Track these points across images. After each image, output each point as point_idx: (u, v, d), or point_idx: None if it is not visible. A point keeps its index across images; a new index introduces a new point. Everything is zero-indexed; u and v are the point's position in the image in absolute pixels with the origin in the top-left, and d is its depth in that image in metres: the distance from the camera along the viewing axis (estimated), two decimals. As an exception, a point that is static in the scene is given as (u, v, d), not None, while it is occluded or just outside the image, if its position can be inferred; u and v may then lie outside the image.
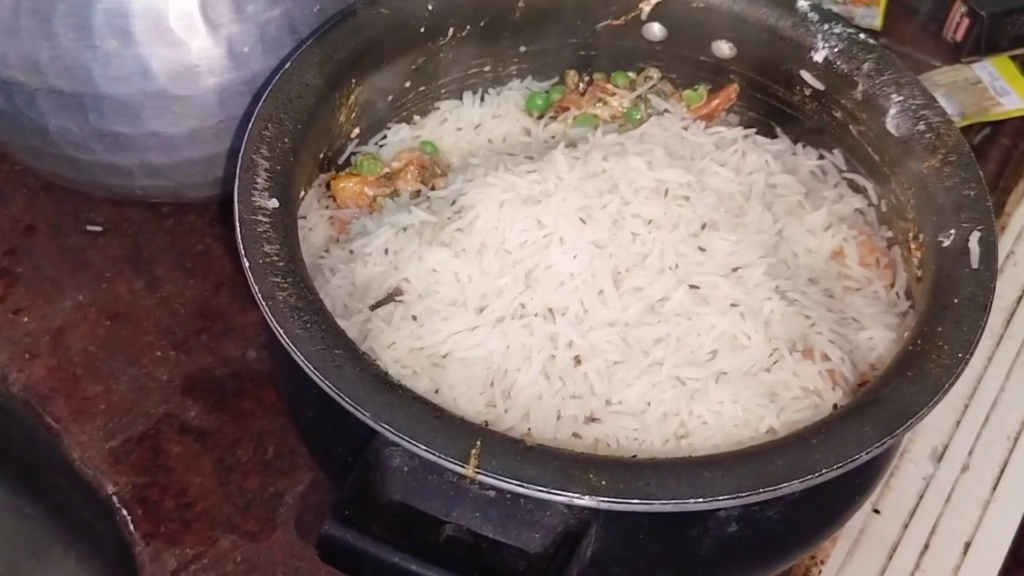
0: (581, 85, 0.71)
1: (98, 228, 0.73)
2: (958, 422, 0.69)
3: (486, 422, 0.52)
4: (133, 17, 0.58)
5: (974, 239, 0.52)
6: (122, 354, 0.67)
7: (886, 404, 0.45)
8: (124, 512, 0.61)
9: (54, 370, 0.66)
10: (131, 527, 0.61)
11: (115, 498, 0.62)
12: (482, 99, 0.70)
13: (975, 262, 0.51)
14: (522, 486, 0.42)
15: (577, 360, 0.54)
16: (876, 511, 0.65)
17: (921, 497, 0.66)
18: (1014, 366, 0.72)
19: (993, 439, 0.69)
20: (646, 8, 0.66)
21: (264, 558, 0.59)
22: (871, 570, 0.63)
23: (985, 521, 0.65)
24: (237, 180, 0.51)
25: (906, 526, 0.65)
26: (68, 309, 0.69)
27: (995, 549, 0.64)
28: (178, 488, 0.62)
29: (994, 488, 0.67)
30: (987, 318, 0.49)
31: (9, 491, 0.72)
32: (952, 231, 0.53)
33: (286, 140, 0.54)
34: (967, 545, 0.64)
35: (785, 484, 0.42)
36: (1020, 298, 0.76)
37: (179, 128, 0.61)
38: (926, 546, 0.64)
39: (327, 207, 0.64)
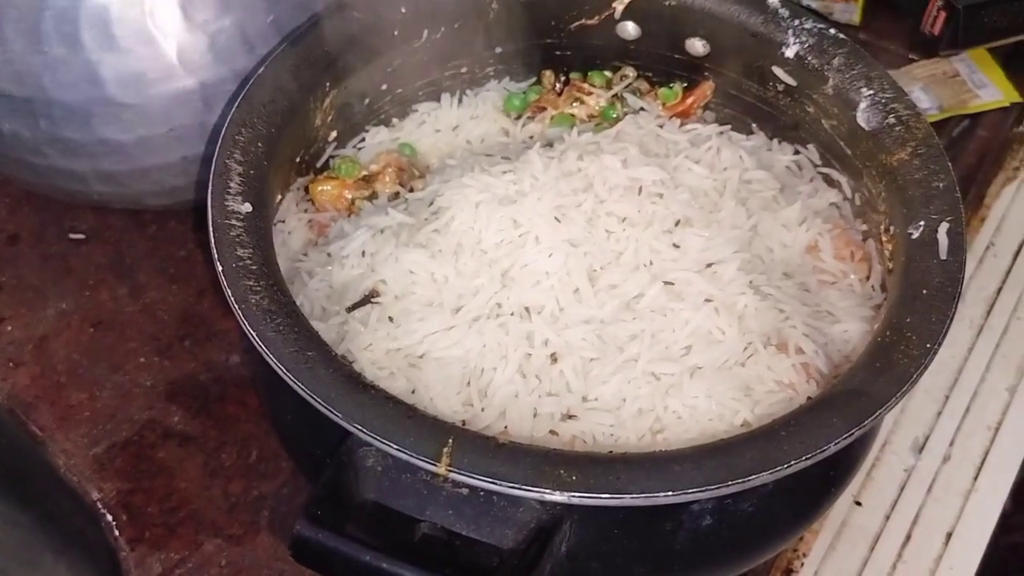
0: (558, 85, 0.71)
1: (81, 236, 0.74)
2: (939, 413, 0.70)
3: (463, 421, 0.52)
4: (81, 23, 0.58)
5: (942, 230, 0.52)
6: (105, 361, 0.67)
7: (855, 395, 0.46)
8: (109, 518, 0.62)
9: (38, 378, 0.67)
10: (116, 533, 0.61)
11: (100, 504, 0.62)
12: (460, 100, 0.70)
13: (943, 253, 0.51)
14: (493, 483, 0.42)
15: (553, 358, 0.54)
16: (858, 503, 0.66)
17: (903, 488, 0.67)
18: (994, 356, 0.73)
19: (974, 430, 0.69)
20: (619, 7, 0.66)
21: (249, 561, 0.59)
22: (853, 562, 0.63)
23: (966, 512, 0.66)
24: (211, 185, 0.52)
25: (888, 517, 0.65)
26: (51, 317, 0.69)
27: (976, 539, 0.64)
28: (162, 493, 0.62)
29: (975, 479, 0.67)
30: (955, 308, 0.49)
31: (-1, 500, 0.72)
32: (921, 223, 0.53)
33: (260, 144, 0.54)
34: (948, 536, 0.65)
35: (754, 476, 0.43)
36: (999, 289, 0.76)
37: (129, 135, 0.61)
38: (908, 537, 0.65)
39: (305, 210, 0.64)
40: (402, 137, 0.69)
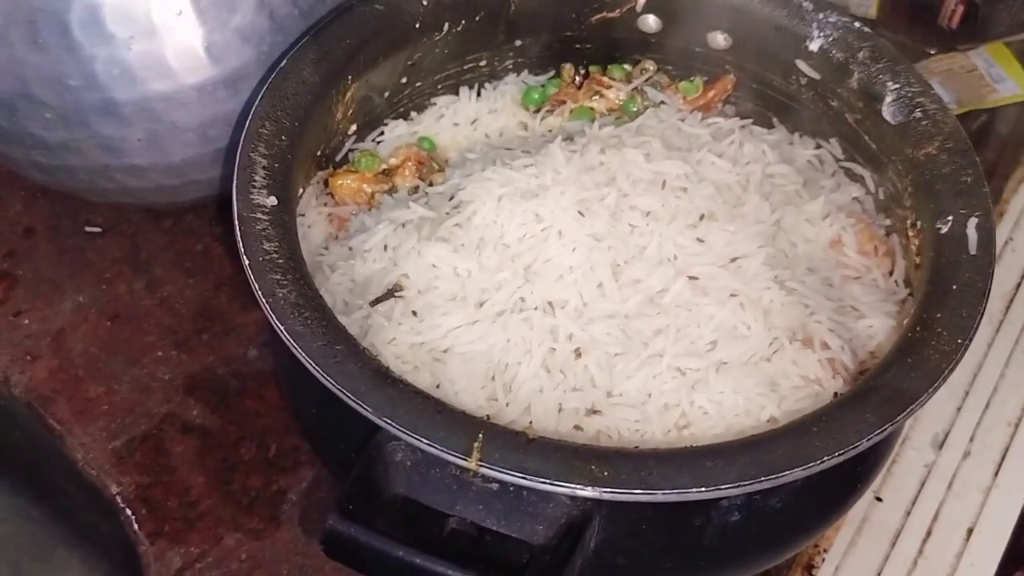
0: (577, 78, 0.71)
1: (97, 229, 0.74)
2: (959, 409, 0.70)
3: (488, 416, 0.52)
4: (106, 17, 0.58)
5: (972, 225, 0.52)
6: (123, 355, 0.67)
7: (886, 391, 0.45)
8: (128, 512, 0.62)
9: (56, 372, 0.66)
10: (135, 527, 0.61)
11: (119, 498, 0.62)
12: (478, 94, 0.70)
13: (973, 248, 0.51)
14: (525, 478, 0.42)
15: (577, 353, 0.54)
16: (878, 499, 0.66)
17: (923, 484, 0.66)
18: (1014, 352, 0.72)
19: (994, 425, 0.69)
20: (641, 0, 0.66)
21: (269, 555, 0.59)
22: (874, 557, 0.63)
23: (987, 507, 0.65)
24: (235, 178, 0.51)
25: (908, 513, 0.65)
26: (68, 311, 0.69)
27: (997, 535, 0.64)
28: (181, 487, 0.62)
29: (995, 474, 0.67)
30: (986, 304, 0.49)
31: (12, 493, 0.72)
32: (950, 218, 0.53)
33: (283, 138, 0.54)
34: (969, 531, 0.64)
35: (787, 472, 0.43)
36: (1019, 284, 0.76)
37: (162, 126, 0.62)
38: (928, 533, 0.64)
39: (325, 204, 0.64)
40: (421, 131, 0.68)
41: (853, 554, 0.63)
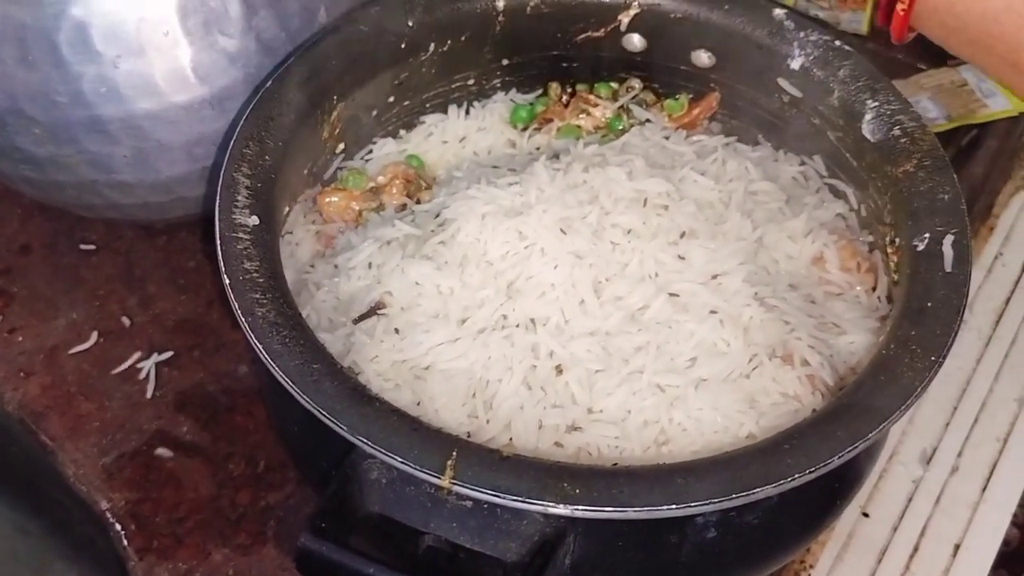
0: (564, 97, 0.71)
1: (92, 247, 0.74)
2: (947, 424, 0.70)
3: (468, 433, 0.52)
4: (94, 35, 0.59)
5: (947, 242, 0.52)
6: (115, 371, 0.68)
7: (859, 408, 0.46)
8: (118, 527, 0.62)
9: (48, 388, 0.67)
10: (125, 543, 0.62)
11: (109, 514, 0.63)
12: (467, 112, 0.70)
13: (948, 265, 0.51)
14: (497, 496, 0.42)
15: (558, 369, 0.54)
16: (865, 514, 0.66)
17: (910, 500, 0.67)
18: (1003, 367, 0.72)
19: (982, 441, 0.69)
20: (625, 19, 0.66)
21: (256, 571, 0.60)
22: (861, 573, 0.63)
23: (975, 523, 0.65)
24: (218, 198, 0.52)
25: (895, 529, 0.65)
26: (62, 327, 0.70)
27: (984, 552, 0.64)
28: (171, 503, 0.62)
29: (983, 490, 0.67)
30: (960, 321, 0.49)
31: (10, 507, 0.73)
32: (926, 235, 0.53)
33: (267, 158, 0.55)
34: (956, 548, 0.64)
35: (757, 489, 0.43)
36: (1008, 299, 0.76)
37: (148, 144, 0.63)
38: (915, 549, 0.64)
39: (314, 222, 0.65)
40: (409, 149, 0.69)
41: (839, 570, 0.63)
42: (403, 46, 0.64)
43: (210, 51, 0.61)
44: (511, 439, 0.52)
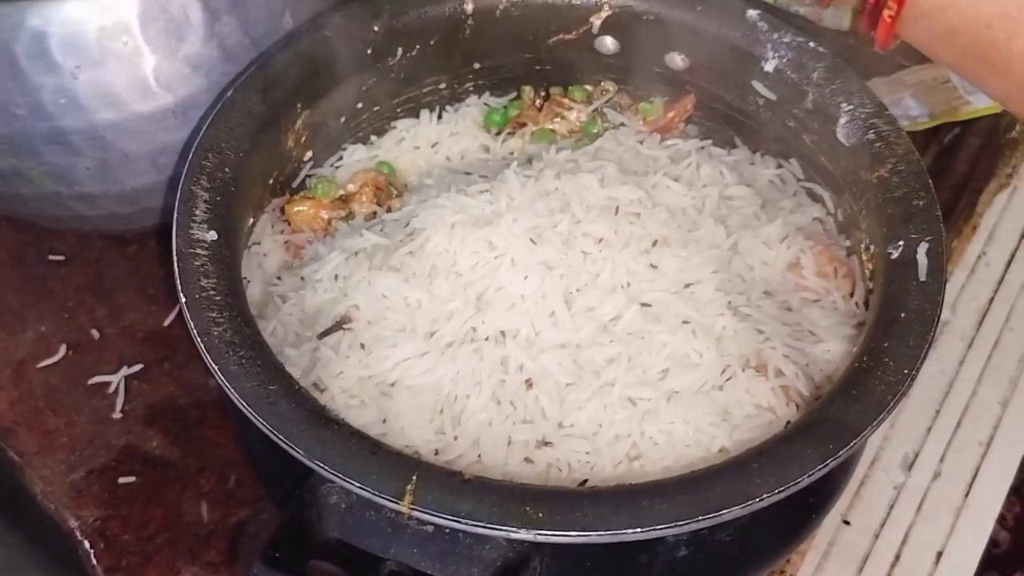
0: (538, 100, 0.70)
1: (60, 257, 0.73)
2: (929, 428, 0.69)
3: (436, 451, 0.51)
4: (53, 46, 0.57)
5: (922, 250, 0.51)
6: (84, 385, 0.67)
7: (829, 424, 0.45)
8: (87, 545, 0.61)
9: (16, 403, 0.66)
10: (93, 561, 0.61)
11: (77, 532, 0.62)
12: (439, 117, 0.69)
13: (923, 274, 0.50)
14: (458, 521, 0.41)
15: (528, 384, 0.53)
16: (846, 522, 0.65)
17: (892, 506, 0.66)
18: (986, 369, 0.71)
19: (965, 445, 0.68)
20: (596, 22, 0.65)
21: (226, 589, 0.59)
22: (841, 583, 0.62)
23: (957, 529, 0.64)
24: (176, 212, 0.51)
25: (877, 536, 0.64)
26: (30, 340, 0.69)
27: (967, 557, 0.63)
28: (140, 520, 0.61)
29: (966, 495, 0.66)
30: (935, 332, 0.48)
31: (-11, 520, 0.72)
32: (901, 242, 0.52)
33: (227, 170, 0.53)
34: (939, 555, 0.64)
35: (724, 511, 0.42)
36: (991, 299, 0.75)
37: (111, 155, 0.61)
38: (897, 557, 0.64)
39: (282, 232, 0.63)
40: (380, 155, 0.68)
41: (820, 579, 0.62)
42: (370, 51, 0.63)
43: (172, 59, 0.59)
44: (479, 456, 0.51)
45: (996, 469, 0.67)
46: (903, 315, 0.48)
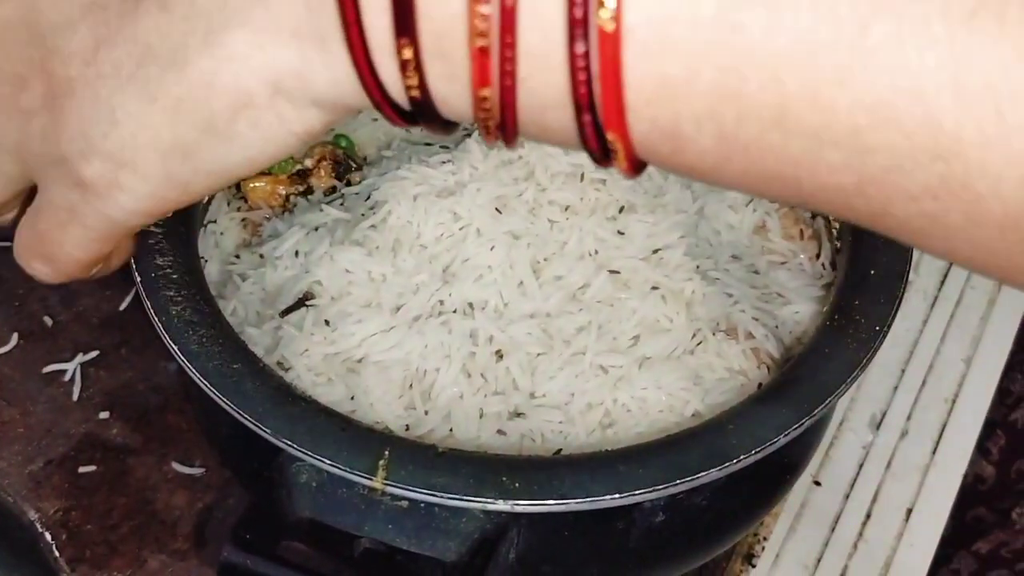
0: (497, 68, 0.69)
1: (7, 243, 0.71)
2: (895, 388, 0.69)
3: (407, 426, 0.50)
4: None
5: (890, 208, 0.50)
6: (38, 374, 0.65)
7: (803, 384, 0.44)
8: (48, 537, 0.60)
9: (-33, 395, 0.64)
10: (56, 553, 0.59)
11: (38, 524, 0.60)
12: (396, 87, 0.68)
13: (891, 231, 0.50)
14: (432, 495, 0.40)
15: (498, 355, 0.52)
16: (817, 483, 0.65)
17: (861, 466, 0.66)
18: (949, 327, 0.72)
19: (931, 403, 0.69)
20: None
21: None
22: (814, 543, 0.63)
23: (925, 486, 0.65)
24: (128, 191, 0.49)
25: (847, 496, 0.65)
26: (-20, 331, 0.67)
27: (936, 514, 0.64)
28: (102, 510, 0.60)
29: (933, 452, 0.67)
30: (904, 288, 0.48)
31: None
32: (868, 200, 0.51)
33: (180, 146, 0.51)
34: (908, 512, 0.64)
35: (703, 473, 0.41)
36: (953, 258, 0.75)
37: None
38: (868, 515, 0.64)
39: (239, 209, 0.62)
40: (337, 128, 0.66)
41: (793, 540, 0.63)
42: (324, 21, 0.61)
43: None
44: (451, 430, 0.50)
45: (962, 426, 0.68)
46: (872, 272, 0.48)
